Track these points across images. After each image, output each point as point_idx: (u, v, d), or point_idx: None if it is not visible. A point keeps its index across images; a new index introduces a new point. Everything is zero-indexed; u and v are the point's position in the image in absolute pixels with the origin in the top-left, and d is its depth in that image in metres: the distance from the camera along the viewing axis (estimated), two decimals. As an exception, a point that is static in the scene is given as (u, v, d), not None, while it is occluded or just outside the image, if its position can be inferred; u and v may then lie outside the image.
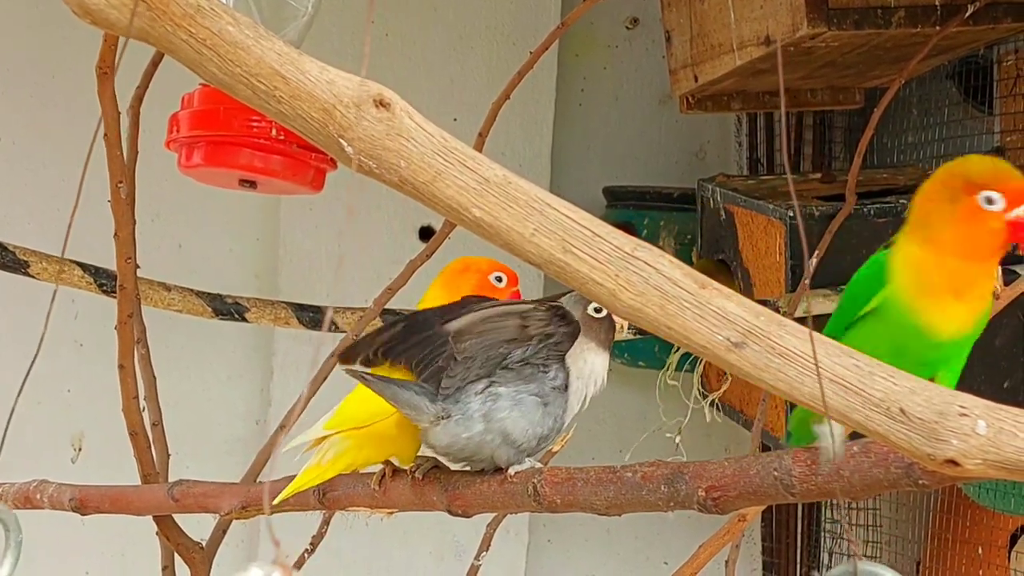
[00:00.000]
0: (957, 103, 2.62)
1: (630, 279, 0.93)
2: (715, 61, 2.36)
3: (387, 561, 2.86)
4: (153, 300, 2.11)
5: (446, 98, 2.83)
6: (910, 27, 2.15)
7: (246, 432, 2.86)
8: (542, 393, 1.36)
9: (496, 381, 1.36)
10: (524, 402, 1.36)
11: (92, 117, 1.46)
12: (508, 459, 1.36)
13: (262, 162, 1.71)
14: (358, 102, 0.90)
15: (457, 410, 1.36)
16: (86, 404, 2.75)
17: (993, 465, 0.92)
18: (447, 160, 0.92)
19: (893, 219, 2.25)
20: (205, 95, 1.72)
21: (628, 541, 3.01)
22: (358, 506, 1.50)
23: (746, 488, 1.22)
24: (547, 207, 0.94)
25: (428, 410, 1.36)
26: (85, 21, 0.89)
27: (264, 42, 0.90)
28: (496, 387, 1.36)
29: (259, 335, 2.82)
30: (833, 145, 2.87)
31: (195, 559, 1.81)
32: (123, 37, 0.91)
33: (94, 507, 1.74)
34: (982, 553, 2.53)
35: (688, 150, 3.07)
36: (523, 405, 1.36)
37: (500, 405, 1.35)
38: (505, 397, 1.36)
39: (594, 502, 1.33)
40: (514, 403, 1.35)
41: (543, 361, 1.37)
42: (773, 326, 0.94)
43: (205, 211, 2.81)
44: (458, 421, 1.36)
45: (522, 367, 1.36)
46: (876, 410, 0.92)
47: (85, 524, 2.04)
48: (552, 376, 1.37)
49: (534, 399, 1.36)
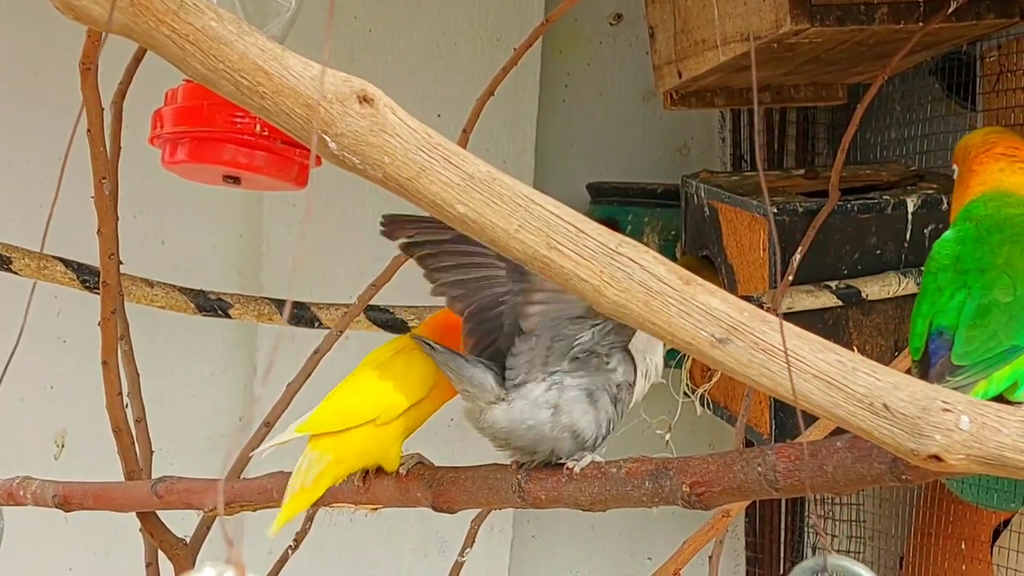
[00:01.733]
0: (940, 99, 2.63)
1: (614, 275, 0.94)
2: (699, 57, 2.36)
3: (371, 558, 2.85)
4: (136, 296, 2.10)
5: (430, 94, 2.82)
6: (893, 23, 2.15)
7: (229, 428, 2.85)
8: (608, 387, 1.34)
9: (563, 370, 1.33)
10: (593, 396, 1.33)
11: (75, 113, 1.45)
12: (570, 452, 1.33)
13: (246, 158, 1.71)
14: (342, 98, 0.90)
15: (521, 395, 1.33)
16: (69, 400, 2.74)
17: (976, 460, 0.92)
18: (431, 156, 0.92)
19: (876, 215, 2.25)
20: (189, 91, 1.72)
21: (612, 537, 3.01)
22: (342, 503, 1.49)
23: (730, 484, 1.22)
24: (532, 203, 0.94)
25: (493, 390, 1.33)
26: (68, 17, 0.88)
27: (247, 38, 0.90)
28: (564, 376, 1.33)
29: (242, 331, 2.81)
30: (816, 141, 2.87)
31: (179, 556, 1.81)
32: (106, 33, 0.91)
33: (77, 504, 1.73)
34: (965, 548, 2.53)
35: (672, 146, 3.07)
36: (591, 399, 1.33)
37: (569, 396, 1.32)
38: (573, 388, 1.33)
39: (578, 498, 1.33)
40: (583, 396, 1.32)
41: (607, 351, 1.34)
42: (757, 322, 0.94)
43: (188, 207, 2.81)
44: (523, 408, 1.33)
45: (588, 358, 1.34)
46: (859, 406, 0.92)
47: (68, 521, 2.04)
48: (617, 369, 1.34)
49: (604, 395, 1.33)
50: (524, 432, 1.33)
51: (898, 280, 2.23)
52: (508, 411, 1.33)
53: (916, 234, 2.26)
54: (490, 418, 1.34)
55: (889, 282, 2.23)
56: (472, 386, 1.34)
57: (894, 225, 2.26)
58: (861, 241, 2.25)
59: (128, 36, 0.89)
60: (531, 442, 1.33)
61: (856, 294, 2.22)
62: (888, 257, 2.26)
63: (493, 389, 1.34)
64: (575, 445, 1.33)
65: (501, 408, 1.34)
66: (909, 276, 2.23)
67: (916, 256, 2.26)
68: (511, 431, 1.33)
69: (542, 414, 1.32)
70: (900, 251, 2.26)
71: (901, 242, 2.26)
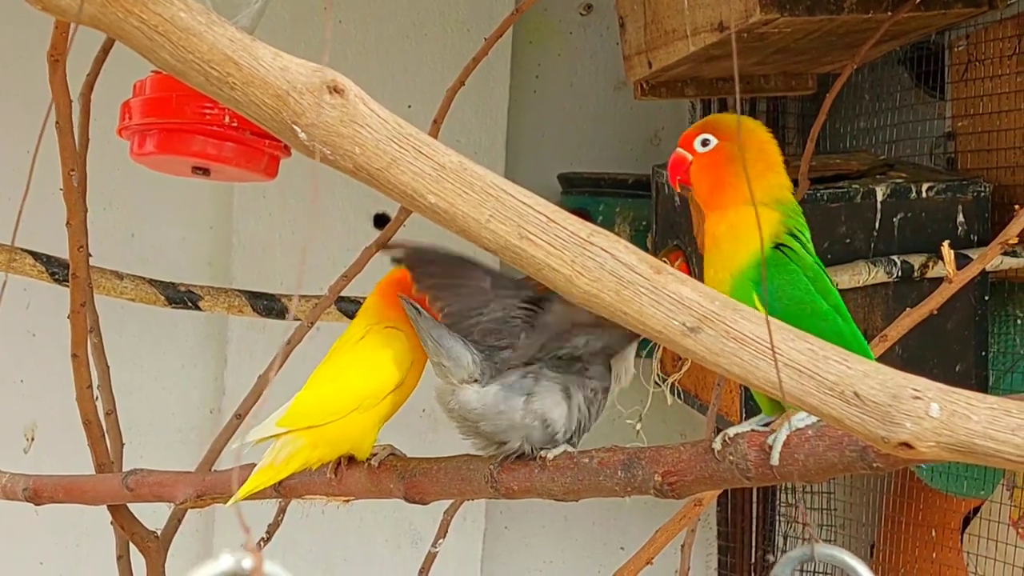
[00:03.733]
0: (909, 88, 2.64)
1: (586, 265, 0.94)
2: (669, 47, 2.36)
3: (344, 549, 2.85)
4: (106, 289, 2.10)
5: (400, 85, 2.82)
6: (862, 13, 2.16)
7: (200, 421, 2.85)
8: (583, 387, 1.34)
9: (543, 365, 1.33)
10: (568, 392, 1.33)
11: (43, 105, 1.44)
12: (540, 444, 1.33)
13: (215, 149, 1.71)
14: (312, 89, 0.90)
15: (497, 379, 1.33)
16: (39, 394, 2.73)
17: (946, 448, 0.92)
18: (402, 146, 0.92)
19: (846, 204, 2.26)
20: (157, 82, 1.71)
21: (585, 527, 3.01)
22: (314, 494, 1.49)
23: (702, 473, 1.22)
24: (503, 193, 0.94)
25: (468, 367, 1.33)
26: (36, 8, 0.88)
27: (217, 28, 0.90)
28: (542, 368, 1.33)
29: (213, 323, 2.81)
30: (786, 131, 2.88)
31: (150, 548, 1.80)
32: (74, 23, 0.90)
33: (48, 497, 1.73)
34: (935, 535, 2.55)
35: (643, 136, 3.08)
36: (566, 394, 1.33)
37: (544, 386, 1.32)
38: (549, 380, 1.33)
39: (551, 488, 1.33)
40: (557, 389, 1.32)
41: (590, 359, 1.34)
42: (728, 311, 0.94)
43: (157, 199, 2.80)
44: (496, 392, 1.32)
45: (571, 361, 1.34)
46: (830, 394, 0.92)
47: (39, 514, 2.03)
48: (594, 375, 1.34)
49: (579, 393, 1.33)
50: (495, 416, 1.32)
51: (868, 269, 2.24)
52: (481, 393, 1.33)
53: (885, 223, 2.27)
54: (462, 398, 1.34)
55: (859, 271, 2.24)
56: (449, 359, 1.34)
57: (863, 214, 2.26)
58: (831, 230, 2.26)
59: (97, 27, 0.89)
60: (501, 428, 1.33)
61: (826, 283, 2.23)
62: (857, 246, 2.27)
63: (469, 366, 1.33)
64: (545, 436, 1.33)
65: (473, 389, 1.33)
66: (879, 265, 2.24)
67: (885, 245, 2.27)
68: (482, 414, 1.33)
69: (515, 400, 1.32)
70: (869, 240, 2.27)
71: (870, 231, 2.27)
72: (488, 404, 1.33)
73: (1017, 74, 2.32)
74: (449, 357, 1.33)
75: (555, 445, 1.33)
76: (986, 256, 1.90)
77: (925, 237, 2.27)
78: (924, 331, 2.04)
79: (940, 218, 2.29)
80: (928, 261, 2.25)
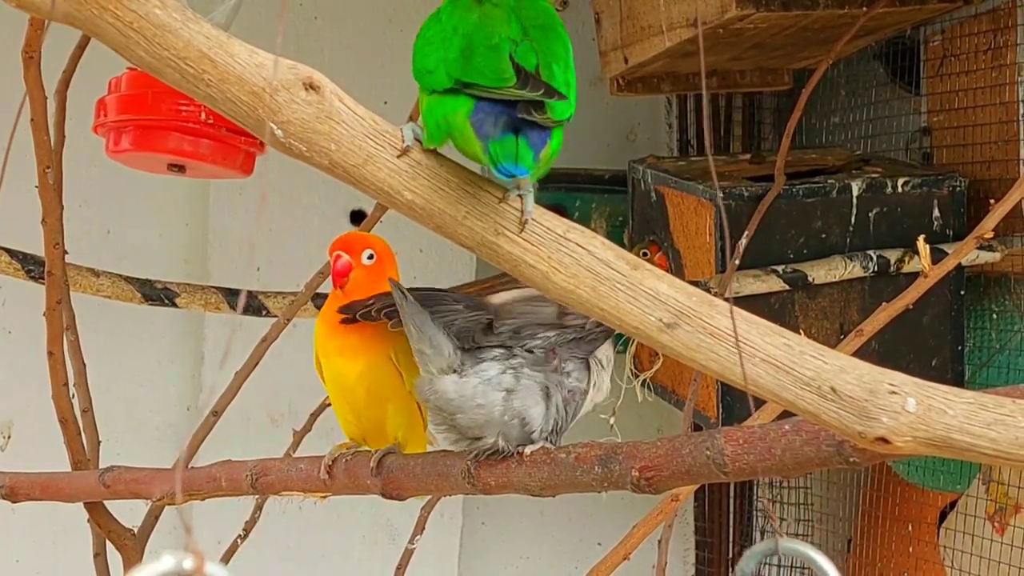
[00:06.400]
0: (884, 84, 2.64)
1: (562, 261, 0.94)
2: (645, 43, 2.37)
3: (321, 546, 2.85)
4: (82, 286, 2.09)
5: (376, 81, 2.81)
6: (837, 8, 2.17)
7: (177, 418, 2.84)
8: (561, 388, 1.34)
9: (523, 362, 1.33)
10: (547, 392, 1.33)
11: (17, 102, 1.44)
12: (517, 441, 1.33)
13: (191, 146, 1.70)
14: (288, 85, 0.90)
15: (475, 372, 1.32)
16: (15, 391, 2.72)
17: (923, 442, 0.93)
18: (378, 143, 0.92)
19: (822, 199, 2.26)
20: (132, 79, 1.71)
21: (562, 522, 3.01)
22: (291, 490, 1.49)
23: (679, 468, 1.22)
24: (480, 190, 0.94)
25: (449, 356, 1.33)
26: (11, 4, 0.88)
27: (192, 25, 0.89)
28: (523, 366, 1.32)
29: (189, 320, 2.80)
30: (762, 126, 2.88)
31: (127, 545, 1.80)
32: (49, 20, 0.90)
33: (25, 494, 1.72)
34: (912, 530, 2.55)
35: (619, 132, 3.08)
36: (545, 394, 1.32)
37: (524, 384, 1.32)
38: (529, 379, 1.32)
39: (528, 484, 1.33)
40: (536, 388, 1.32)
41: (567, 357, 1.34)
42: (705, 307, 0.94)
43: (133, 196, 2.79)
44: (476, 384, 1.32)
45: (548, 359, 1.33)
46: (807, 389, 0.93)
47: (15, 512, 2.02)
48: (572, 375, 1.34)
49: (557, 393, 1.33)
50: (472, 409, 1.32)
51: (844, 263, 2.24)
52: (459, 384, 1.33)
53: (861, 218, 2.27)
54: (440, 387, 1.33)
55: (835, 266, 2.24)
56: (431, 347, 1.33)
57: (839, 209, 2.27)
58: (806, 225, 2.26)
59: (72, 24, 0.89)
60: (478, 422, 1.33)
61: (803, 278, 2.23)
62: (833, 241, 2.27)
63: (450, 356, 1.33)
64: (522, 435, 1.33)
65: (452, 379, 1.33)
66: (855, 260, 2.24)
67: (861, 240, 2.27)
68: (459, 406, 1.33)
69: (495, 395, 1.32)
70: (845, 235, 2.27)
71: (846, 226, 2.27)
72: (466, 396, 1.32)
73: (992, 69, 2.33)
74: (431, 345, 1.33)
75: (531, 443, 1.33)
76: (962, 251, 1.90)
77: (901, 232, 2.27)
78: (900, 326, 2.05)
79: (916, 213, 2.30)
80: (904, 256, 2.26)
